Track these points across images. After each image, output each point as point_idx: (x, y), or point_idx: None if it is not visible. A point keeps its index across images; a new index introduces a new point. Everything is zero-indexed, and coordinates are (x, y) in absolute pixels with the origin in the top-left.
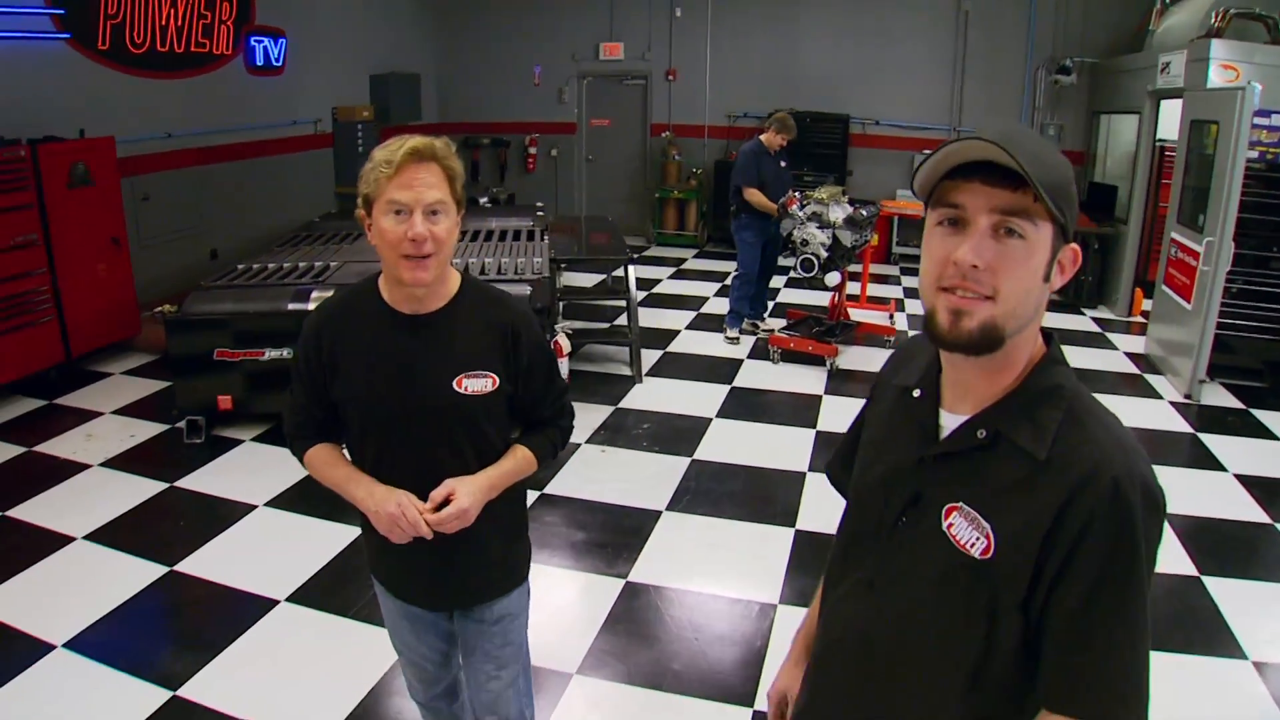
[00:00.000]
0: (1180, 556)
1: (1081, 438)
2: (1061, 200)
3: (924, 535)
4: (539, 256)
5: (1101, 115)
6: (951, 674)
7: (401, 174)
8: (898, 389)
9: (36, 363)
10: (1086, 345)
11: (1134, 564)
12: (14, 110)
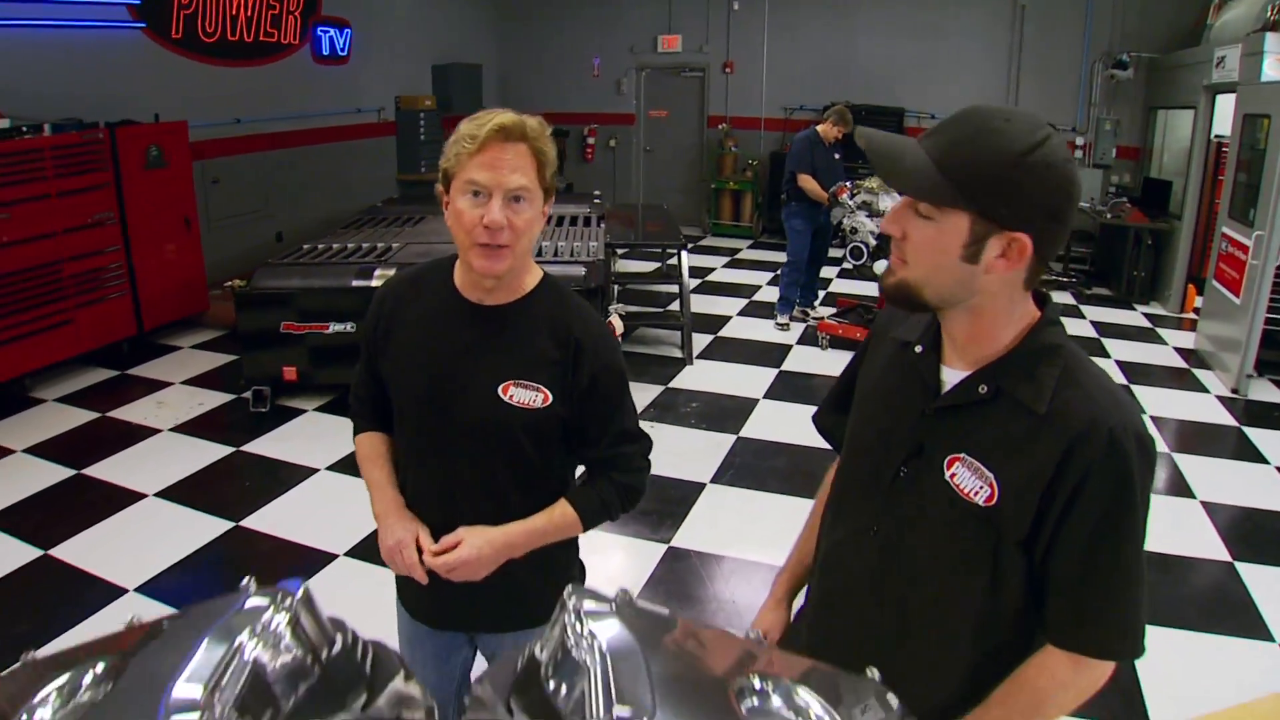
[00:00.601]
0: (1215, 542)
1: (1078, 393)
2: (981, 190)
3: (927, 484)
4: (594, 241)
5: (1158, 110)
6: (961, 614)
7: (485, 152)
8: (895, 343)
9: (110, 335)
10: (1137, 340)
11: (1131, 508)
12: (93, 95)
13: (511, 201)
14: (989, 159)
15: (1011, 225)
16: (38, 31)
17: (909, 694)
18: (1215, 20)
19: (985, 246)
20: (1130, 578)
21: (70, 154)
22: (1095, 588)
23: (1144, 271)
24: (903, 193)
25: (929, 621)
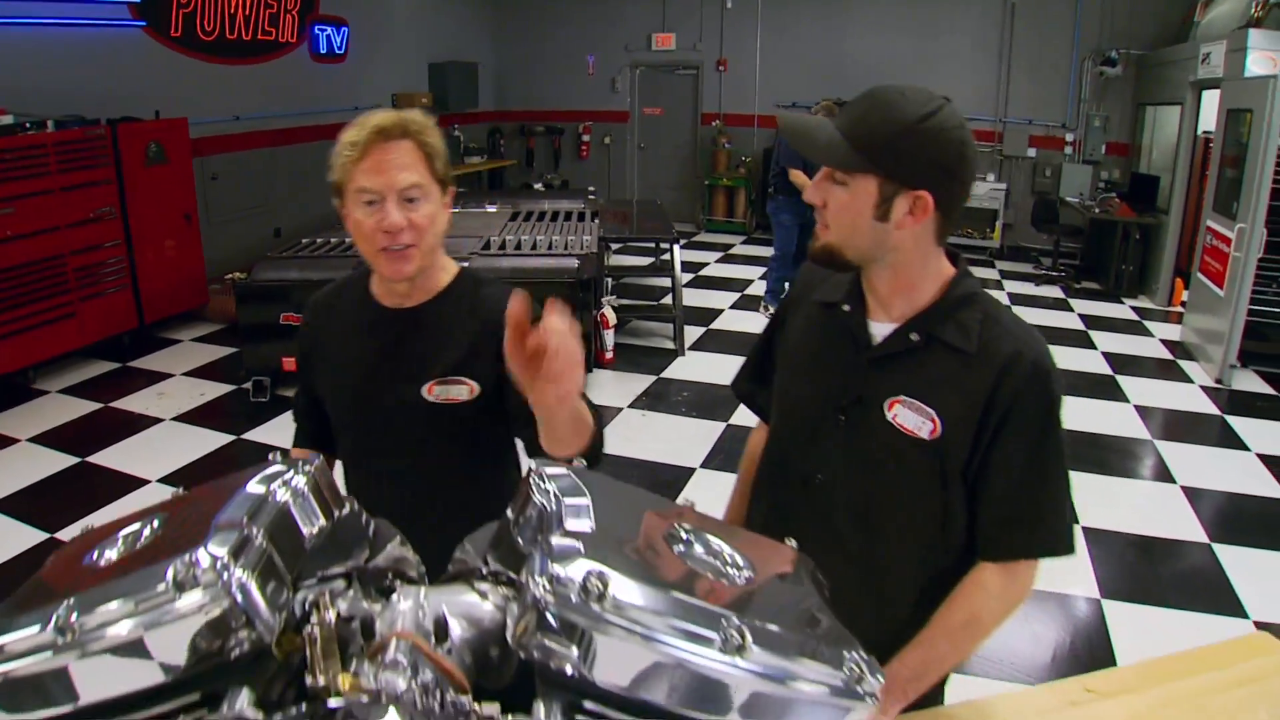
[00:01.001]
0: (1193, 523)
1: (1000, 330)
2: (884, 154)
3: (869, 428)
4: (588, 235)
5: (1147, 107)
6: (914, 542)
7: (369, 156)
8: (818, 305)
9: (112, 328)
10: (1123, 332)
11: (1055, 424)
12: (94, 92)
13: (406, 202)
14: (889, 127)
15: (913, 184)
16: (40, 29)
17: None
18: (1202, 17)
19: (894, 205)
20: (1059, 485)
21: (73, 150)
22: (1027, 496)
23: (1132, 266)
24: (821, 165)
25: (882, 557)
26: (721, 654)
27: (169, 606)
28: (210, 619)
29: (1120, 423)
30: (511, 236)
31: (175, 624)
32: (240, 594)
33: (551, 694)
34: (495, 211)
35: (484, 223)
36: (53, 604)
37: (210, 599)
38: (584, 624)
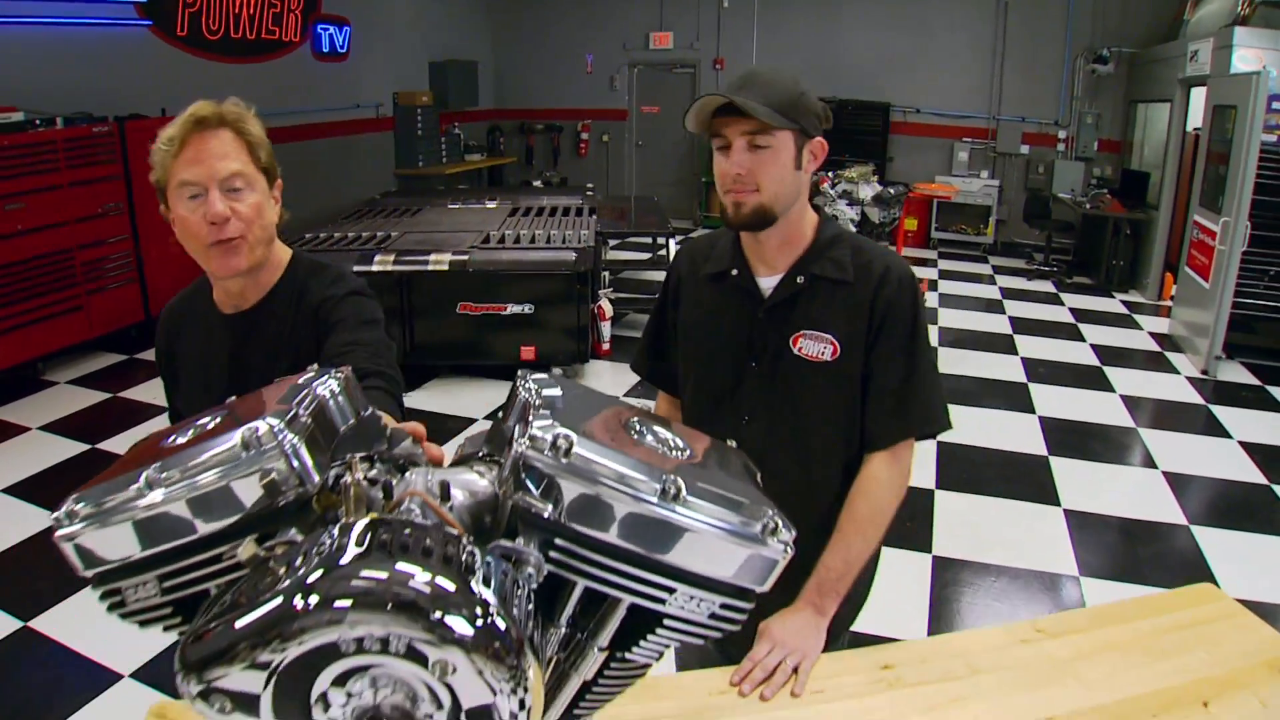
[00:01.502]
0: (1173, 507)
1: (866, 257)
2: (793, 113)
3: (783, 365)
4: (586, 230)
5: (1138, 104)
6: (836, 448)
7: (187, 148)
8: (706, 277)
9: (119, 321)
10: (1113, 325)
11: (920, 322)
12: (102, 90)
13: (230, 192)
14: (788, 93)
15: (812, 133)
16: (49, 28)
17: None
18: (1191, 16)
19: (804, 154)
20: (928, 371)
21: (82, 146)
22: (907, 386)
23: (1123, 260)
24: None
25: (814, 475)
26: (660, 500)
27: (237, 463)
28: (268, 473)
29: (1106, 412)
30: (510, 231)
31: (241, 478)
32: (292, 453)
33: (530, 533)
34: (494, 207)
35: (483, 218)
36: (140, 468)
37: (269, 457)
38: (551, 472)
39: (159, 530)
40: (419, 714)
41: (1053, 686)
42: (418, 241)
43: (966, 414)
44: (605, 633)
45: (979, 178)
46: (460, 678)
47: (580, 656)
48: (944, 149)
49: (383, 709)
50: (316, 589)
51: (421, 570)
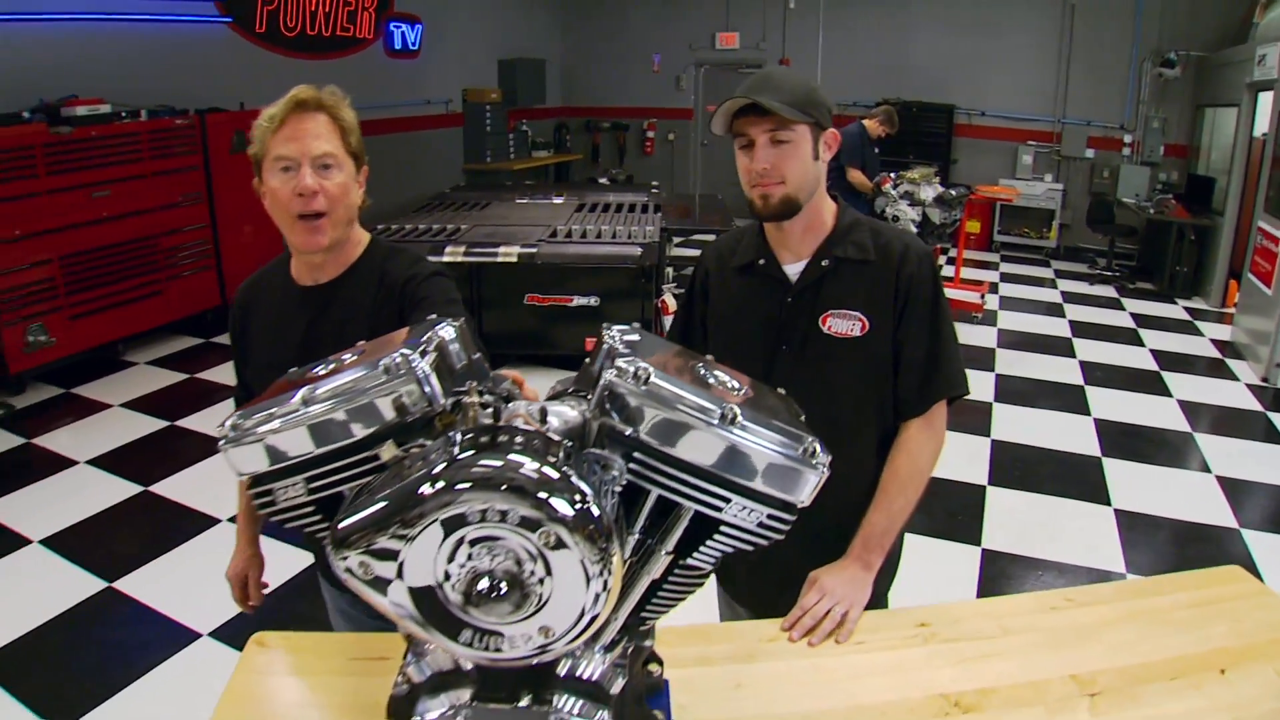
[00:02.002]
0: (1224, 510)
1: (885, 238)
2: (808, 107)
3: (812, 345)
4: (651, 226)
5: (1206, 108)
6: (868, 422)
7: (286, 126)
8: (734, 270)
9: (196, 305)
10: (1173, 331)
11: (940, 293)
12: (184, 84)
13: (321, 169)
14: (802, 91)
15: (825, 125)
16: (135, 25)
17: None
18: (1260, 19)
19: (819, 145)
20: (950, 340)
21: (164, 138)
22: (933, 356)
23: (1186, 267)
24: (778, 129)
25: (847, 447)
26: (720, 423)
27: (380, 384)
28: (404, 394)
29: (1163, 416)
30: (577, 226)
31: (383, 396)
32: (424, 378)
33: (613, 449)
34: (561, 203)
35: (551, 213)
36: (294, 390)
37: (405, 380)
38: (632, 398)
39: (312, 439)
40: (525, 574)
41: (1077, 649)
42: (487, 234)
43: (1022, 414)
44: (671, 538)
45: (1043, 181)
46: (559, 555)
47: (649, 559)
48: (1008, 152)
49: (495, 571)
50: (444, 476)
51: (530, 461)
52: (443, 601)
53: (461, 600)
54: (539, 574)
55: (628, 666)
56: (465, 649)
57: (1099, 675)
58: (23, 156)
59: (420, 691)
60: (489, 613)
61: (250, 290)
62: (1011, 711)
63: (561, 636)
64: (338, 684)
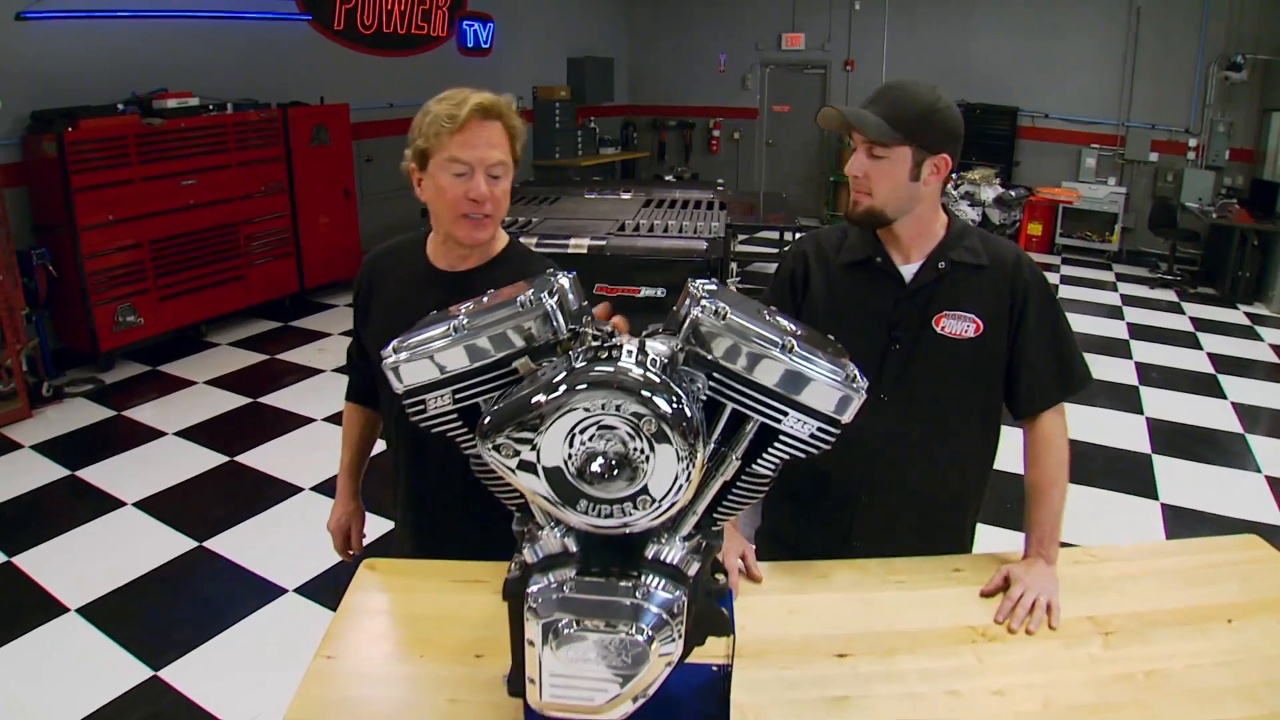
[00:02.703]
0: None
1: (996, 246)
2: (915, 128)
3: (923, 343)
4: (716, 222)
5: (1273, 113)
6: (971, 422)
7: (466, 130)
8: (842, 266)
9: (276, 291)
10: (1233, 335)
11: (1054, 297)
12: (266, 79)
13: (492, 178)
14: (916, 109)
15: (935, 150)
16: (220, 21)
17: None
18: None
19: (923, 168)
20: (1071, 339)
21: (249, 129)
22: (1055, 354)
23: (1249, 272)
24: (875, 144)
25: (947, 445)
26: (781, 351)
27: (517, 315)
28: (536, 323)
29: (1216, 417)
30: (644, 221)
31: (520, 324)
32: (552, 311)
33: (696, 370)
34: (629, 198)
35: (619, 208)
36: (447, 320)
37: (538, 311)
38: (713, 329)
39: (465, 357)
40: (630, 455)
41: (1096, 596)
42: (558, 227)
43: (1075, 411)
44: (741, 444)
45: (1106, 184)
46: (658, 443)
47: (723, 463)
48: (1071, 154)
49: (608, 453)
50: (570, 379)
51: (636, 367)
52: (567, 478)
53: (580, 477)
54: (642, 457)
55: (701, 560)
56: (581, 517)
57: (1113, 618)
58: (118, 146)
59: (531, 572)
60: (602, 489)
61: (382, 259)
62: (1032, 643)
63: (653, 509)
64: (440, 599)
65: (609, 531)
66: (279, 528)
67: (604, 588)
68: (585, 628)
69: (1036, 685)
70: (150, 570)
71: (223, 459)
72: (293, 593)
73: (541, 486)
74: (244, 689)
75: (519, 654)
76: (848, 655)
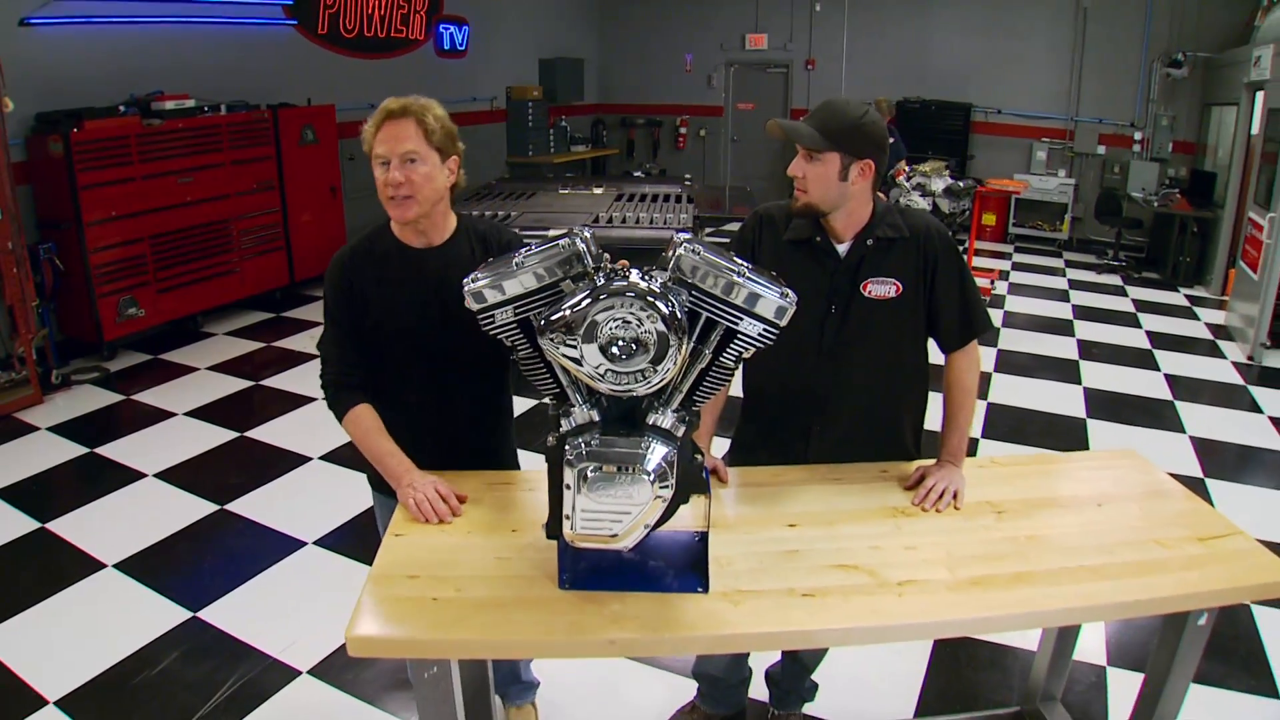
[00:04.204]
0: (1193, 463)
1: (913, 220)
2: (843, 138)
3: (855, 306)
4: (685, 215)
5: (1212, 107)
6: (900, 366)
7: (382, 130)
8: (788, 244)
9: (267, 283)
10: (1171, 315)
11: (961, 257)
12: (256, 81)
13: (407, 163)
14: (844, 124)
15: (860, 156)
16: (213, 26)
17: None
18: (1261, 22)
19: (850, 170)
20: (976, 293)
21: (241, 130)
22: (967, 305)
23: (1189, 257)
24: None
25: (885, 383)
26: (739, 275)
27: (560, 252)
28: (574, 255)
29: (1147, 387)
30: (617, 214)
31: (563, 258)
32: (584, 248)
33: (680, 290)
34: (601, 193)
35: (592, 202)
36: (512, 258)
37: (574, 248)
38: (693, 260)
39: (521, 281)
40: (641, 333)
41: (994, 487)
42: (536, 219)
43: (1019, 382)
44: (711, 341)
45: (1056, 176)
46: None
47: (698, 357)
48: (1023, 148)
49: (625, 338)
50: (595, 293)
51: (643, 281)
52: (599, 356)
53: (605, 354)
54: (648, 342)
55: (686, 428)
56: (606, 384)
57: (1006, 502)
58: (120, 146)
59: (566, 438)
60: (621, 365)
61: (354, 259)
62: (940, 519)
63: (656, 377)
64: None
65: (623, 397)
66: (293, 491)
67: (619, 443)
68: (606, 472)
69: (941, 544)
70: (178, 530)
71: (233, 434)
72: (312, 545)
73: (584, 363)
74: (277, 624)
75: (556, 502)
76: (797, 525)
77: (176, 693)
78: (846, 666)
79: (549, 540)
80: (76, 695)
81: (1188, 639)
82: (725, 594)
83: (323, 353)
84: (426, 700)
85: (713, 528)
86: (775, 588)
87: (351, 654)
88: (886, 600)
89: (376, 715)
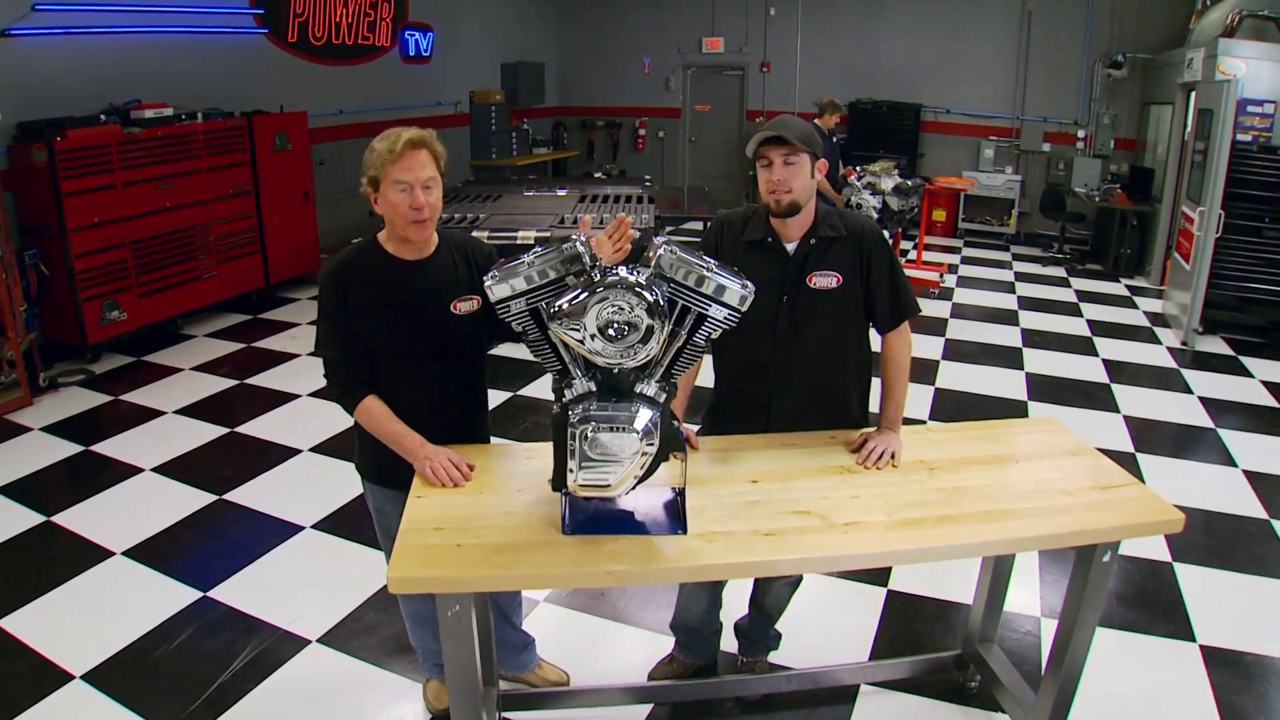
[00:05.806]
0: (1124, 438)
1: (850, 221)
2: (808, 143)
3: (802, 296)
4: (645, 215)
5: (1151, 106)
6: (845, 349)
7: (403, 159)
8: (746, 243)
9: (244, 286)
10: (1112, 305)
11: (892, 252)
12: (231, 89)
13: (426, 189)
14: (804, 131)
15: (817, 156)
16: (187, 36)
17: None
18: (1196, 25)
19: (814, 169)
20: (904, 279)
21: (218, 137)
22: (896, 292)
23: (1130, 249)
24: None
25: (830, 365)
26: (708, 270)
27: (563, 251)
28: (575, 254)
29: (1086, 371)
30: (581, 214)
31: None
32: (583, 249)
33: (660, 284)
34: (565, 195)
35: (556, 204)
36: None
37: (576, 248)
38: (671, 259)
39: (530, 277)
40: (632, 317)
41: (928, 450)
42: (504, 221)
43: (964, 369)
44: (686, 325)
45: (1003, 173)
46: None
47: (674, 339)
48: (971, 146)
49: (618, 321)
50: (593, 285)
51: (633, 276)
52: (597, 337)
53: (604, 335)
54: (637, 326)
55: (667, 396)
56: (603, 359)
57: (938, 461)
58: (102, 154)
59: (569, 405)
60: (617, 344)
61: (349, 271)
62: (880, 475)
63: (643, 353)
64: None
65: (615, 370)
66: (288, 481)
67: (612, 407)
68: (602, 430)
69: (880, 494)
70: (181, 519)
71: (223, 430)
72: (310, 529)
73: (585, 343)
74: (284, 600)
75: (561, 460)
76: (759, 481)
77: (196, 663)
78: (807, 620)
79: (551, 496)
80: (101, 669)
81: (1095, 574)
82: (701, 534)
83: (324, 356)
84: (450, 634)
85: (688, 484)
86: (742, 529)
87: (392, 591)
88: (834, 537)
89: (383, 675)
